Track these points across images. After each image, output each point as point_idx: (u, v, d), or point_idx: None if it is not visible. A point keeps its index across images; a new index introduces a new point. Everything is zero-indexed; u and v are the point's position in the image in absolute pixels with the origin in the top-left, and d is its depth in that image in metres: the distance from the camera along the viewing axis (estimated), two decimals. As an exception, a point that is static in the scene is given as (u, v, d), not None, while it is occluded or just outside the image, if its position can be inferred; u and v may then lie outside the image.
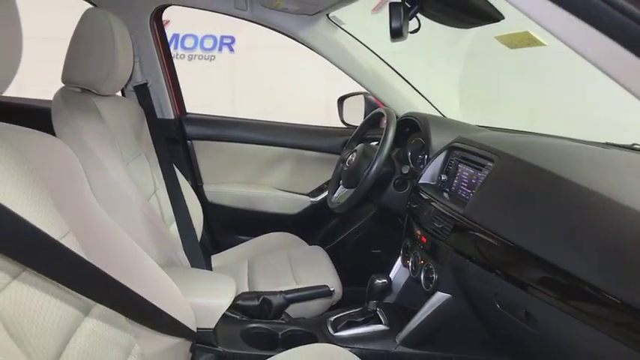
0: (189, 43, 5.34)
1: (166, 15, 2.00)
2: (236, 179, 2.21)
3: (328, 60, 1.94)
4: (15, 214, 0.64)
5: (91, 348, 0.85)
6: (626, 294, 0.78)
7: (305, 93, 4.70)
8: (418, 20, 1.26)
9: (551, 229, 0.97)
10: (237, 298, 1.43)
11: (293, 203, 2.19)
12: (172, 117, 2.04)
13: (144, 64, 1.90)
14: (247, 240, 2.08)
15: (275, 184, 2.23)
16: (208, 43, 5.39)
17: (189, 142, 2.13)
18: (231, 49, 5.40)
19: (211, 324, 1.22)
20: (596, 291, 0.82)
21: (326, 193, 2.12)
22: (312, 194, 2.22)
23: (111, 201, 1.06)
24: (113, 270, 0.79)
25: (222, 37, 5.30)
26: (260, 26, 1.93)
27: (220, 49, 5.44)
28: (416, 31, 1.27)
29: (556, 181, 1.03)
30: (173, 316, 1.02)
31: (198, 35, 5.36)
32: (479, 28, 1.27)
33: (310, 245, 2.01)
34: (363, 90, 2.06)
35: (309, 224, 2.19)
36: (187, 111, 2.18)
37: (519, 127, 1.86)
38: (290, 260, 1.82)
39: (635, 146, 1.44)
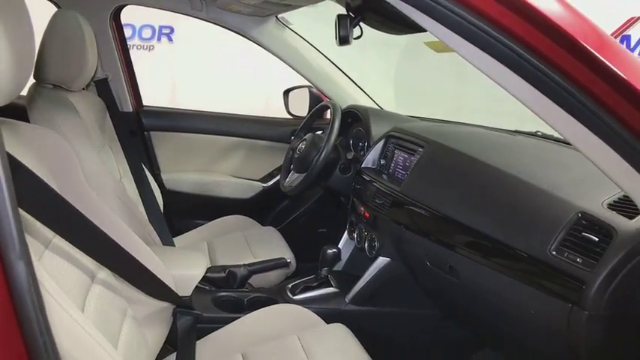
0: (126, 32, 5.24)
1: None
2: (192, 167, 2.36)
3: (277, 57, 2.13)
4: (52, 188, 0.80)
5: (101, 309, 1.01)
6: (520, 244, 1.06)
7: (245, 85, 4.80)
8: (360, 28, 1.48)
9: (468, 200, 1.25)
10: (205, 271, 1.61)
11: (246, 188, 2.37)
12: (131, 110, 2.16)
13: (104, 60, 2.01)
14: (204, 224, 2.24)
15: (229, 171, 2.40)
16: (147, 33, 5.32)
17: (146, 133, 2.25)
18: (171, 40, 5.37)
19: (188, 292, 1.40)
20: (500, 244, 1.10)
21: (276, 179, 2.33)
22: (264, 180, 2.40)
23: (92, 188, 1.19)
24: None
25: (161, 27, 5.26)
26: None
27: (159, 39, 5.39)
28: (359, 37, 1.49)
29: (472, 162, 1.31)
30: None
31: (136, 25, 5.29)
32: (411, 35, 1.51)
33: (264, 226, 2.21)
34: (308, 83, 2.27)
35: (261, 207, 2.38)
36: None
37: (447, 118, 2.14)
38: (246, 239, 2.01)
39: (537, 133, 1.75)
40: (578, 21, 0.74)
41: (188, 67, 5.20)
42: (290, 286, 1.64)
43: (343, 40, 1.40)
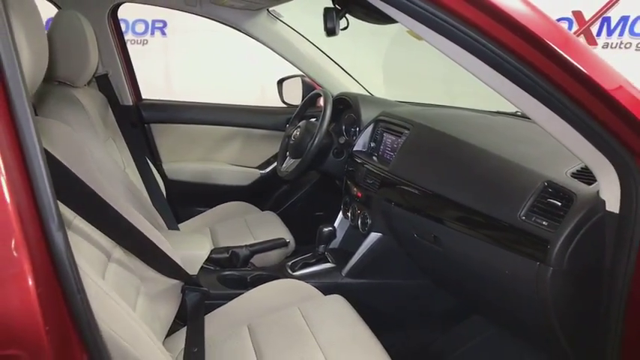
0: (120, 27, 5.29)
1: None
2: (192, 157, 2.46)
3: (269, 48, 2.22)
4: (73, 173, 0.91)
5: (117, 284, 1.12)
6: (495, 212, 1.17)
7: (240, 75, 4.86)
8: (347, 19, 1.58)
9: (448, 176, 1.36)
10: (210, 252, 1.72)
11: (245, 175, 2.48)
12: (131, 103, 2.26)
13: (104, 57, 2.10)
14: (206, 211, 2.35)
15: (227, 160, 2.51)
16: (140, 28, 5.37)
17: (146, 125, 2.35)
18: (164, 33, 5.42)
19: (195, 271, 1.51)
20: (478, 213, 1.21)
21: (273, 166, 2.44)
22: (261, 167, 2.51)
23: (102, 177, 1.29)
24: None
25: (154, 22, 5.31)
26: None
27: (152, 33, 5.44)
28: (345, 28, 1.59)
29: (453, 141, 1.41)
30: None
31: (129, 20, 5.33)
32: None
33: (263, 211, 2.31)
34: (300, 73, 2.36)
35: (260, 193, 2.49)
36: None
37: (437, 102, 2.24)
38: (247, 223, 2.12)
39: (517, 113, 1.86)
40: (532, 13, 0.84)
41: (182, 60, 5.24)
42: (290, 263, 1.75)
43: (330, 31, 1.50)
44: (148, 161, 2.07)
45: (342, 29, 1.61)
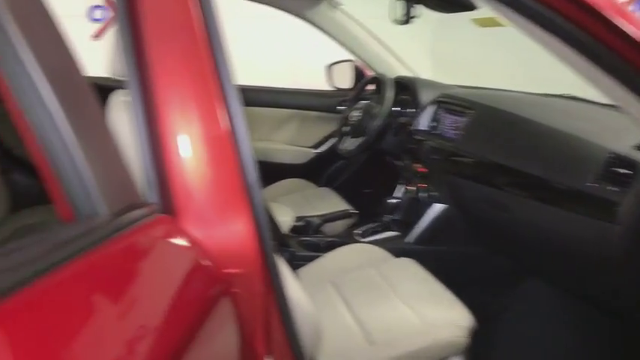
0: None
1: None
2: (251, 137, 2.63)
3: (328, 35, 2.38)
4: None
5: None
6: (564, 180, 1.33)
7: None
8: (411, 10, 1.74)
9: (517, 149, 1.52)
10: (288, 220, 1.91)
11: (300, 154, 2.66)
12: None
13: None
14: (264, 188, 2.52)
15: (284, 140, 2.68)
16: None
17: None
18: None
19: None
20: (547, 182, 1.37)
21: (327, 145, 2.61)
22: (316, 146, 2.69)
23: None
24: None
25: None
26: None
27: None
28: (414, 17, 1.75)
29: (517, 118, 1.57)
30: None
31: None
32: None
33: (319, 187, 2.49)
34: (348, 58, 2.51)
35: (314, 171, 2.66)
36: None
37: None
38: (307, 198, 2.29)
39: (564, 95, 2.00)
40: None
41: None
42: (358, 231, 1.94)
43: (403, 20, 1.66)
44: None
45: (411, 17, 1.77)
